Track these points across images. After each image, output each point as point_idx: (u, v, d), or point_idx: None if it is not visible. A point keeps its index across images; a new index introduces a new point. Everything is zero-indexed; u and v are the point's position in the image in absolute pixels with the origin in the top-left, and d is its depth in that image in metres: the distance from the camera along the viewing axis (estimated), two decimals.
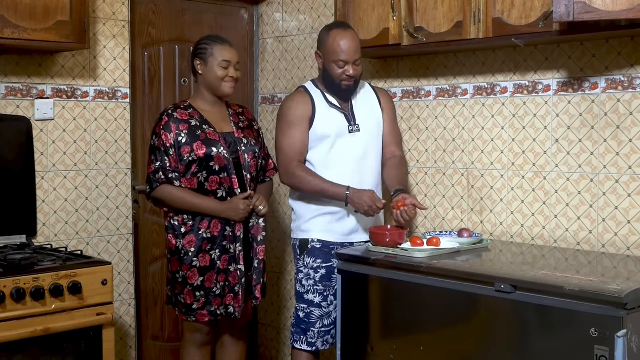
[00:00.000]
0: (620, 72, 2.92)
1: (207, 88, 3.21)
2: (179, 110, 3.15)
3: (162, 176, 3.07)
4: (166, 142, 3.07)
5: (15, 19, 3.00)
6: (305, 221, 3.22)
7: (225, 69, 3.15)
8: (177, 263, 3.14)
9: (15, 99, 3.37)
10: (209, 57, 3.16)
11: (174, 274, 3.16)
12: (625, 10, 2.50)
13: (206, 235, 3.11)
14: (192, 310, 3.13)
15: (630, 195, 2.91)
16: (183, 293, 3.13)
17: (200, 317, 3.14)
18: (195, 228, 3.11)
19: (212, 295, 3.13)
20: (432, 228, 3.55)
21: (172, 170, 3.07)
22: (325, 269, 3.18)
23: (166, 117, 3.12)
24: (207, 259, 3.11)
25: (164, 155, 3.07)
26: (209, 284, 3.12)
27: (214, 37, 3.28)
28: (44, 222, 3.47)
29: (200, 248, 3.11)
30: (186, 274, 3.11)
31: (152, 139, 3.14)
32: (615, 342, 2.20)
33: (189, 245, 3.10)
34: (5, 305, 2.71)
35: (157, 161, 3.08)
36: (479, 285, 2.56)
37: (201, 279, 3.11)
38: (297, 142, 3.16)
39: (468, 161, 3.41)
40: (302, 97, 3.22)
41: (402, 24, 3.23)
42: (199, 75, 3.20)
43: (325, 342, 3.22)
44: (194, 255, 3.10)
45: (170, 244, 3.16)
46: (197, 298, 3.12)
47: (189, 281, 3.11)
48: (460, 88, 3.43)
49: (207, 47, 3.18)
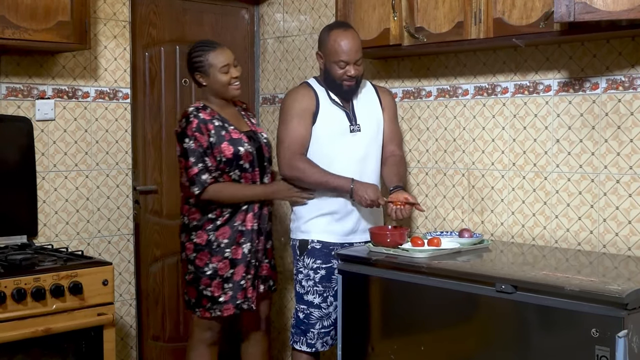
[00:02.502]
0: (621, 72, 2.92)
1: (215, 95, 3.24)
2: (201, 111, 3.17)
3: (210, 177, 3.11)
4: (203, 144, 3.11)
5: (16, 20, 3.00)
6: (305, 222, 3.22)
7: (226, 73, 3.18)
8: (207, 256, 3.16)
9: (16, 99, 3.37)
10: (208, 68, 3.18)
11: (200, 269, 3.17)
12: (626, 10, 2.50)
13: (240, 228, 3.17)
14: (218, 303, 3.17)
15: (631, 196, 2.91)
16: (211, 286, 3.17)
17: (225, 310, 3.19)
18: (231, 220, 3.16)
19: (239, 288, 3.19)
20: (433, 228, 3.55)
21: (214, 169, 3.12)
22: (325, 270, 3.18)
23: (194, 118, 3.13)
24: (239, 252, 3.18)
25: (203, 156, 3.11)
26: (236, 277, 3.18)
27: (203, 44, 3.27)
28: (44, 222, 3.47)
29: (234, 240, 3.17)
30: (217, 265, 3.16)
31: (185, 142, 3.12)
32: (616, 343, 2.20)
33: (222, 236, 3.16)
34: (6, 305, 2.71)
35: (199, 163, 3.10)
36: (479, 285, 2.56)
37: (231, 271, 3.17)
38: (300, 135, 3.14)
39: (469, 161, 3.41)
40: (306, 92, 3.20)
41: (402, 24, 3.23)
42: (204, 86, 3.24)
43: (325, 343, 3.22)
44: (227, 247, 3.16)
45: (200, 240, 3.17)
46: (224, 290, 3.17)
47: (219, 272, 3.16)
48: (461, 88, 3.43)
49: (202, 59, 3.19)
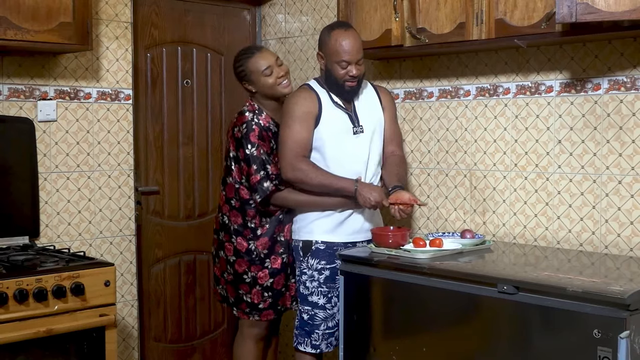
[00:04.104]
0: (623, 73, 2.92)
1: (266, 97, 3.27)
2: (260, 118, 3.22)
3: (271, 184, 3.14)
4: (266, 151, 3.17)
5: (18, 21, 3.00)
6: (309, 222, 3.21)
7: (270, 75, 3.21)
8: (246, 264, 3.22)
9: (18, 100, 3.37)
10: (251, 76, 3.24)
11: (240, 275, 3.24)
12: (627, 11, 2.50)
13: (280, 239, 3.23)
14: (257, 310, 3.25)
15: (632, 197, 2.91)
16: (250, 293, 3.23)
17: (264, 315, 3.27)
18: (270, 231, 3.21)
19: (280, 295, 3.26)
20: (435, 229, 3.54)
21: (275, 177, 3.16)
22: (329, 270, 3.17)
23: (256, 126, 3.17)
24: (278, 261, 3.24)
25: (265, 164, 3.15)
26: (277, 285, 3.24)
27: (242, 53, 3.32)
28: (46, 223, 3.47)
29: (272, 250, 3.22)
30: (257, 274, 3.22)
31: (248, 148, 3.15)
32: (618, 343, 2.19)
33: (262, 247, 3.21)
34: (8, 306, 2.71)
35: (261, 170, 3.14)
36: (481, 286, 2.56)
37: (271, 280, 3.23)
38: (302, 138, 3.13)
39: (471, 162, 3.41)
40: (308, 94, 3.20)
41: (404, 25, 3.23)
42: (255, 93, 3.28)
43: (329, 344, 3.22)
44: (267, 257, 3.21)
45: (239, 246, 3.23)
46: (264, 298, 3.23)
47: (259, 281, 3.22)
48: (462, 89, 3.43)
49: (243, 68, 3.26)
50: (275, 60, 3.24)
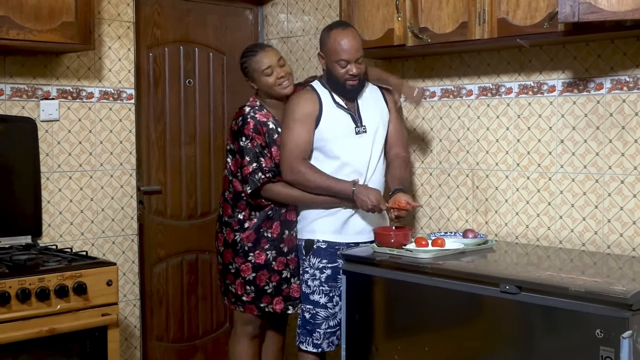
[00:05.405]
0: (625, 72, 2.92)
1: (268, 96, 3.28)
2: (258, 113, 3.23)
3: (263, 176, 3.16)
4: (260, 144, 3.18)
5: (21, 20, 3.01)
6: (311, 221, 3.22)
7: (270, 75, 3.22)
8: (231, 255, 3.25)
9: (21, 99, 3.38)
10: (253, 73, 3.26)
11: (226, 265, 3.27)
12: (630, 10, 2.50)
13: (266, 235, 3.22)
14: (241, 301, 3.26)
15: (635, 196, 2.91)
16: (234, 283, 3.26)
17: (248, 309, 3.27)
18: (257, 225, 3.22)
19: (263, 293, 3.24)
20: (437, 229, 3.54)
21: (268, 170, 3.17)
22: (330, 270, 3.18)
23: (251, 120, 3.19)
24: (262, 257, 3.22)
25: (259, 156, 3.17)
26: (259, 282, 3.23)
27: (246, 51, 3.33)
28: (49, 222, 3.47)
29: (257, 244, 3.21)
30: (240, 266, 3.23)
31: (242, 140, 3.18)
32: (621, 343, 2.19)
33: (246, 239, 3.22)
34: (10, 305, 2.71)
35: (254, 162, 3.16)
36: (483, 286, 2.56)
37: (253, 274, 3.23)
38: (302, 140, 3.14)
39: (473, 162, 3.41)
40: (309, 95, 3.20)
41: (406, 24, 3.22)
42: (256, 90, 3.30)
43: (331, 343, 3.22)
44: (250, 251, 3.21)
45: (227, 237, 3.26)
46: (247, 291, 3.24)
47: (242, 274, 3.23)
48: (465, 89, 3.43)
49: (246, 66, 3.28)
50: (277, 61, 3.24)
